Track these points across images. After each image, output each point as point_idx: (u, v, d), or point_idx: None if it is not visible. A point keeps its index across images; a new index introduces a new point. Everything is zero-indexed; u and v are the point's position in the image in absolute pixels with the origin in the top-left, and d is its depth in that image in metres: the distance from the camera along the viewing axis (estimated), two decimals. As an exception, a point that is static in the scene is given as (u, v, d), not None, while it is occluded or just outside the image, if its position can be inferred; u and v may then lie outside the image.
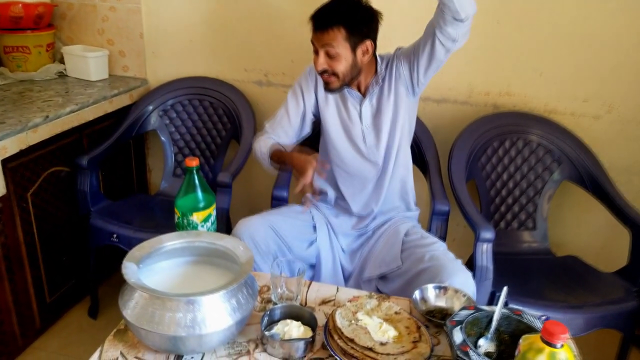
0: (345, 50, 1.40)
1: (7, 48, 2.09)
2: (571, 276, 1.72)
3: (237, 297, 0.96)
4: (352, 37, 1.39)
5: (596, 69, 1.83)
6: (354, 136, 1.56)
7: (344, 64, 1.42)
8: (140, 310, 0.93)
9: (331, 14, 1.39)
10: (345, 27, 1.38)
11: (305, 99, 1.58)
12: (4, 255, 1.62)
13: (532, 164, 1.90)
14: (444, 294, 1.14)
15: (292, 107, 1.59)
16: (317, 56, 1.44)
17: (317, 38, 1.41)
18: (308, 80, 1.59)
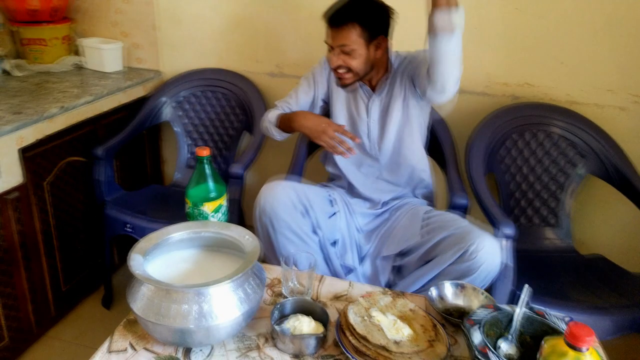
0: (359, 47, 1.42)
1: (25, 40, 2.10)
2: (597, 276, 1.65)
3: (243, 288, 0.94)
4: (366, 34, 1.41)
5: (621, 58, 1.75)
6: (359, 130, 1.59)
7: (359, 60, 1.44)
8: (147, 303, 0.91)
9: (345, 12, 1.40)
10: (360, 24, 1.40)
11: (316, 85, 1.63)
12: (20, 243, 1.64)
13: (554, 157, 1.83)
14: (462, 291, 1.10)
15: (303, 89, 1.64)
16: (332, 53, 1.46)
17: (332, 35, 1.43)
18: (323, 70, 1.63)
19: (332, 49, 1.46)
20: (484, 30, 1.83)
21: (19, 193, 1.60)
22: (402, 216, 1.55)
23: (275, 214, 1.39)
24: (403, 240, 1.47)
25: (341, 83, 1.52)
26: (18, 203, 1.60)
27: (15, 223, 1.60)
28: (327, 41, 1.47)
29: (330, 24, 1.43)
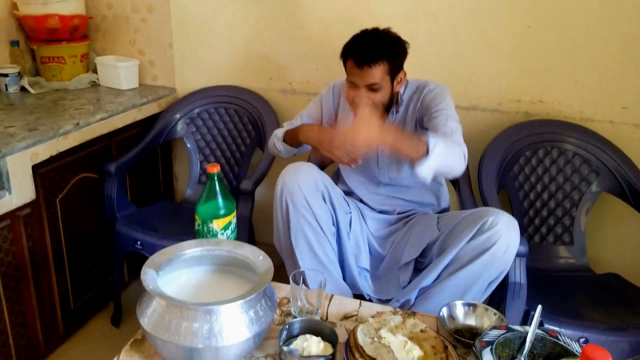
0: (386, 83, 1.42)
1: (44, 58, 2.15)
2: (612, 295, 1.62)
3: (255, 309, 0.93)
4: (392, 70, 1.41)
5: (636, 75, 1.73)
6: (368, 158, 1.57)
7: (384, 96, 1.44)
8: (157, 318, 0.91)
9: (375, 50, 1.37)
10: (388, 61, 1.38)
11: (323, 111, 1.63)
12: (30, 260, 1.64)
13: (568, 175, 1.81)
14: (474, 311, 1.08)
15: (310, 112, 1.65)
16: (356, 90, 1.42)
17: (359, 74, 1.39)
18: (331, 97, 1.64)
19: (355, 87, 1.43)
20: (497, 48, 1.83)
21: (31, 209, 1.61)
22: (416, 223, 1.54)
23: (298, 193, 1.36)
24: (421, 241, 1.45)
25: None
26: (29, 219, 1.61)
27: (26, 239, 1.61)
28: (353, 80, 1.42)
29: (358, 64, 1.38)
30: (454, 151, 1.31)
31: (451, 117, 1.42)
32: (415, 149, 1.24)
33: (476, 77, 1.89)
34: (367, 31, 1.43)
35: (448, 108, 1.45)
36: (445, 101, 1.46)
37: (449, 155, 1.28)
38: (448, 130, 1.37)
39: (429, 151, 1.23)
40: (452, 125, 1.39)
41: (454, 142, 1.34)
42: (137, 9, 2.21)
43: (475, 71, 1.88)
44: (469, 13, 1.82)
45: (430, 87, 1.51)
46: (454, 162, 1.32)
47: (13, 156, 1.51)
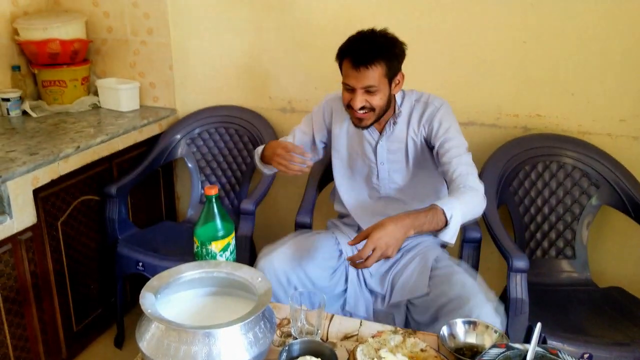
0: (383, 86, 1.37)
1: (45, 82, 2.18)
2: (616, 309, 1.61)
3: (254, 331, 0.93)
4: (390, 71, 1.36)
5: (632, 87, 1.75)
6: (365, 174, 1.56)
7: (382, 99, 1.39)
8: (156, 342, 0.91)
9: (372, 50, 1.32)
10: (385, 62, 1.34)
11: (315, 127, 1.60)
12: (33, 284, 1.64)
13: (568, 188, 1.81)
14: (474, 329, 1.07)
15: (301, 128, 1.62)
16: (353, 93, 1.37)
17: (355, 76, 1.34)
18: (321, 112, 1.60)
19: (352, 90, 1.37)
20: (494, 63, 1.85)
21: (32, 233, 1.62)
22: (412, 260, 1.49)
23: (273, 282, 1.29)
24: (411, 291, 1.43)
25: (362, 124, 1.43)
26: (31, 243, 1.62)
27: (27, 263, 1.61)
28: (349, 82, 1.37)
29: (354, 65, 1.33)
30: (473, 204, 1.29)
31: (463, 149, 1.40)
32: (435, 223, 1.20)
33: (474, 92, 1.90)
34: (363, 32, 1.38)
35: (458, 134, 1.43)
36: (454, 125, 1.44)
37: (469, 211, 1.27)
38: (464, 171, 1.34)
39: (448, 220, 1.20)
40: (467, 161, 1.38)
41: (471, 190, 1.30)
42: (136, 32, 2.24)
43: (473, 87, 1.89)
44: (466, 30, 1.84)
45: (434, 103, 1.47)
46: (474, 211, 1.30)
47: (14, 181, 1.52)
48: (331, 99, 1.59)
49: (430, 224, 1.19)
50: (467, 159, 1.39)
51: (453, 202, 1.23)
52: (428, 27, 1.87)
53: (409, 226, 1.17)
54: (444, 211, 1.20)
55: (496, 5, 1.78)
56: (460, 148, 1.40)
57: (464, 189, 1.30)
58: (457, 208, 1.22)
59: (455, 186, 1.33)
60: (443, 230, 1.21)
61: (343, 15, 1.92)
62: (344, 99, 1.42)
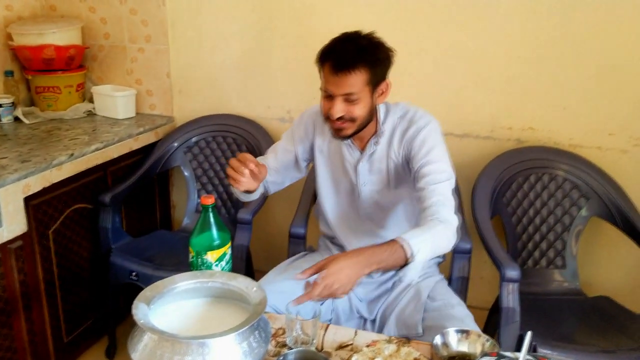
0: (365, 95, 1.25)
1: (39, 88, 2.17)
2: (604, 318, 1.64)
3: (248, 341, 0.93)
4: (373, 79, 1.24)
5: (622, 102, 1.78)
6: (347, 194, 1.45)
7: (363, 108, 1.26)
8: (149, 353, 0.90)
9: (353, 54, 1.20)
10: (368, 68, 1.22)
11: (296, 144, 1.47)
12: (22, 294, 1.62)
13: (559, 200, 1.84)
14: (467, 338, 1.08)
15: (283, 146, 1.49)
16: (332, 101, 1.26)
17: (335, 82, 1.23)
18: (302, 128, 1.47)
19: (331, 97, 1.26)
20: (488, 77, 1.88)
21: (22, 242, 1.60)
22: (405, 292, 1.39)
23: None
24: (405, 327, 1.33)
25: (340, 134, 1.31)
26: (21, 252, 1.60)
27: (17, 273, 1.59)
28: (329, 88, 1.25)
29: (334, 69, 1.22)
30: (441, 239, 1.17)
31: (443, 176, 1.26)
32: (395, 259, 1.09)
33: (469, 105, 1.93)
34: (347, 34, 1.26)
35: (441, 158, 1.29)
36: (438, 147, 1.30)
37: (436, 247, 1.16)
38: (437, 201, 1.21)
39: (411, 256, 1.09)
40: (444, 190, 1.24)
41: (442, 223, 1.18)
42: (134, 39, 2.25)
43: (468, 100, 1.92)
44: (461, 45, 1.87)
45: (418, 123, 1.32)
46: (443, 247, 1.20)
47: (4, 188, 1.51)
48: (313, 112, 1.47)
49: (388, 262, 1.09)
50: (444, 188, 1.25)
51: (420, 237, 1.12)
52: (426, 40, 1.90)
53: (364, 265, 1.07)
54: (408, 246, 1.09)
55: (491, 20, 1.82)
56: (440, 174, 1.26)
57: (433, 222, 1.18)
58: (423, 243, 1.11)
59: (425, 217, 1.21)
60: (406, 267, 1.11)
61: (344, 26, 1.93)
62: (323, 108, 1.30)
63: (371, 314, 1.42)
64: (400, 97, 1.49)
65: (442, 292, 1.39)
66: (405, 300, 1.38)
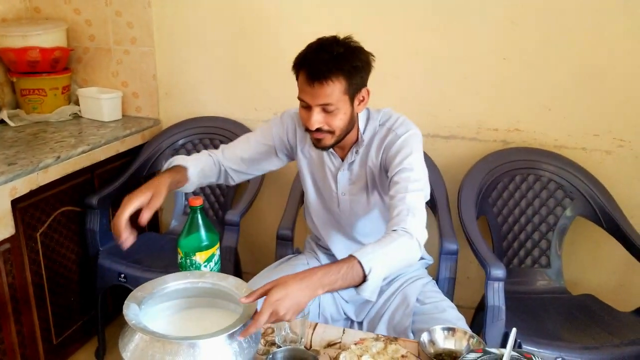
0: (344, 104, 1.19)
1: (24, 91, 2.15)
2: (588, 316, 1.67)
3: (239, 341, 0.93)
4: (351, 88, 1.18)
5: (606, 104, 1.82)
6: (328, 201, 1.42)
7: (343, 119, 1.21)
8: (140, 353, 0.90)
9: (328, 63, 1.14)
10: (345, 77, 1.16)
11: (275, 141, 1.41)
12: (10, 297, 1.62)
13: (544, 200, 1.87)
14: (453, 335, 1.10)
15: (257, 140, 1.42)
16: (309, 112, 1.20)
17: (311, 92, 1.17)
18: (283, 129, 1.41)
19: (308, 108, 1.20)
20: (475, 79, 1.90)
21: (10, 245, 1.59)
22: (393, 296, 1.38)
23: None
24: (395, 331, 1.32)
25: (320, 145, 1.26)
26: (9, 255, 1.59)
27: (5, 275, 1.59)
28: (304, 98, 1.19)
29: (308, 79, 1.16)
30: (401, 252, 1.10)
31: (414, 185, 1.20)
32: (350, 279, 1.03)
33: (455, 107, 1.95)
34: (323, 40, 1.20)
35: (416, 168, 1.23)
36: (414, 156, 1.24)
37: (396, 261, 1.10)
38: (403, 211, 1.15)
39: (366, 274, 1.03)
40: (412, 200, 1.17)
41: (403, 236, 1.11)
42: (119, 41, 2.24)
43: (454, 102, 1.94)
44: (448, 46, 1.89)
45: (397, 131, 1.28)
46: (405, 260, 1.13)
47: (-9, 191, 1.50)
48: (293, 114, 1.41)
49: (344, 281, 1.02)
50: (413, 198, 1.18)
51: (375, 253, 1.05)
52: (411, 43, 1.92)
53: (316, 286, 1.00)
54: (362, 264, 1.03)
55: (477, 22, 1.84)
56: (411, 183, 1.20)
57: (394, 234, 1.11)
58: (378, 260, 1.04)
59: (389, 227, 1.15)
60: (362, 285, 1.04)
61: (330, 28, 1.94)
62: (301, 118, 1.25)
63: (358, 317, 1.42)
64: (385, 100, 1.49)
65: (431, 295, 1.39)
66: (393, 305, 1.37)
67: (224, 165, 1.41)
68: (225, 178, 1.45)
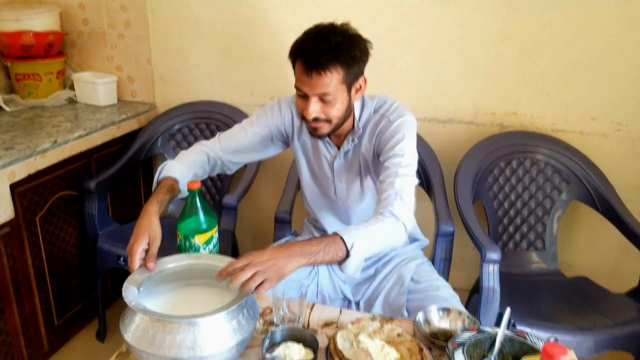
0: (341, 94, 1.19)
1: (19, 75, 2.14)
2: (581, 297, 1.69)
3: (237, 319, 0.95)
4: (349, 77, 1.18)
5: (603, 87, 1.82)
6: (325, 187, 1.44)
7: (340, 108, 1.21)
8: (141, 333, 0.92)
9: (328, 52, 1.13)
10: (343, 67, 1.15)
11: (272, 130, 1.40)
12: (12, 279, 1.64)
13: (540, 184, 1.88)
14: (448, 315, 1.11)
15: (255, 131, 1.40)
16: (306, 101, 1.20)
17: (308, 82, 1.16)
18: (279, 118, 1.40)
19: (305, 97, 1.20)
20: (472, 63, 1.90)
21: (10, 229, 1.61)
22: (389, 277, 1.40)
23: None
24: (388, 312, 1.34)
25: (317, 133, 1.27)
26: (9, 239, 1.61)
27: (6, 259, 1.61)
28: (301, 87, 1.19)
29: (306, 69, 1.15)
30: (385, 234, 1.12)
31: (404, 170, 1.21)
32: (333, 253, 1.05)
33: (453, 91, 1.95)
34: (320, 27, 1.18)
35: (407, 154, 1.23)
36: (406, 141, 1.24)
37: (379, 242, 1.12)
38: (390, 195, 1.17)
39: (348, 249, 1.05)
40: (400, 185, 1.18)
41: (388, 218, 1.13)
42: (113, 24, 2.22)
43: (452, 86, 1.94)
44: (445, 30, 1.88)
45: (390, 117, 1.28)
46: (388, 242, 1.15)
47: (-11, 175, 1.51)
48: (290, 101, 1.40)
49: (326, 254, 1.04)
50: (402, 183, 1.19)
51: (358, 231, 1.08)
52: (408, 28, 1.91)
53: (296, 254, 1.02)
54: (344, 239, 1.05)
55: (475, 6, 1.83)
56: (401, 168, 1.21)
57: (380, 217, 1.13)
58: (361, 238, 1.06)
59: (376, 210, 1.18)
60: (344, 262, 1.07)
61: (326, 12, 1.94)
62: (298, 107, 1.25)
63: (355, 297, 1.44)
64: (382, 84, 1.49)
65: (426, 275, 1.40)
66: (389, 285, 1.39)
67: (222, 159, 1.41)
68: (222, 169, 1.46)
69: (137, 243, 1.08)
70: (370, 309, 1.39)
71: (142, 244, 1.08)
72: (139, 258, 1.06)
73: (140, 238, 1.09)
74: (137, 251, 1.07)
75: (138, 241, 1.08)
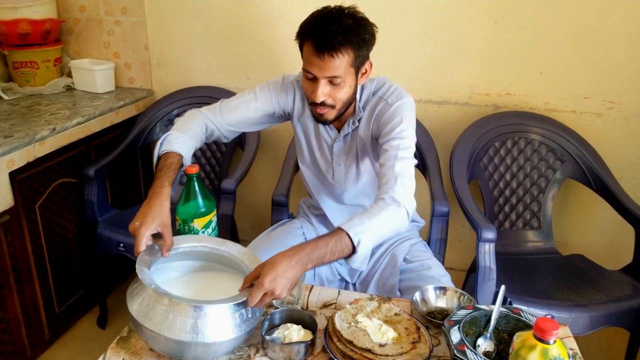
0: (350, 77, 1.19)
1: (16, 63, 2.14)
2: (577, 275, 1.72)
3: (241, 312, 0.96)
4: (357, 60, 1.18)
5: (596, 66, 1.83)
6: (322, 169, 1.45)
7: (348, 91, 1.22)
8: (146, 307, 0.93)
9: (338, 35, 1.13)
10: (354, 49, 1.15)
11: (275, 107, 1.39)
12: (12, 267, 1.65)
13: (534, 163, 1.90)
14: (444, 294, 1.14)
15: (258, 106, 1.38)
16: (315, 84, 1.19)
17: (318, 64, 1.16)
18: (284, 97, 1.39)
19: (314, 79, 1.20)
20: (466, 44, 1.90)
21: (10, 216, 1.62)
22: (382, 258, 1.43)
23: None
24: (382, 292, 1.36)
25: (322, 119, 1.27)
26: (9, 226, 1.62)
27: (6, 246, 1.62)
28: (310, 70, 1.18)
29: (317, 51, 1.14)
30: (389, 222, 1.12)
31: (404, 153, 1.21)
32: (339, 251, 1.04)
33: (447, 72, 1.96)
34: (329, 9, 1.17)
35: (406, 136, 1.23)
36: (404, 124, 1.24)
37: (384, 231, 1.12)
38: (390, 179, 1.17)
39: (355, 245, 1.05)
40: (400, 168, 1.18)
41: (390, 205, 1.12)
42: (110, 11, 2.21)
43: (447, 67, 1.95)
44: (439, 11, 1.88)
45: (389, 100, 1.28)
46: (392, 229, 1.14)
47: (-12, 163, 1.51)
48: (295, 80, 1.39)
49: (332, 255, 1.04)
50: (402, 166, 1.19)
51: (363, 225, 1.06)
52: (402, 8, 1.91)
53: (305, 262, 1.01)
54: (350, 236, 1.05)
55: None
56: (401, 151, 1.20)
57: (382, 203, 1.13)
58: (367, 232, 1.05)
59: (377, 195, 1.17)
60: (351, 256, 1.06)
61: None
62: (305, 90, 1.25)
63: (352, 278, 1.47)
64: (377, 66, 1.48)
65: (418, 254, 1.42)
66: (382, 265, 1.42)
67: (221, 130, 1.39)
68: (218, 138, 1.44)
69: (144, 227, 1.04)
70: (365, 289, 1.42)
71: (150, 229, 1.05)
72: (145, 243, 1.04)
73: (149, 222, 1.05)
74: (144, 235, 1.04)
75: (146, 225, 1.05)
